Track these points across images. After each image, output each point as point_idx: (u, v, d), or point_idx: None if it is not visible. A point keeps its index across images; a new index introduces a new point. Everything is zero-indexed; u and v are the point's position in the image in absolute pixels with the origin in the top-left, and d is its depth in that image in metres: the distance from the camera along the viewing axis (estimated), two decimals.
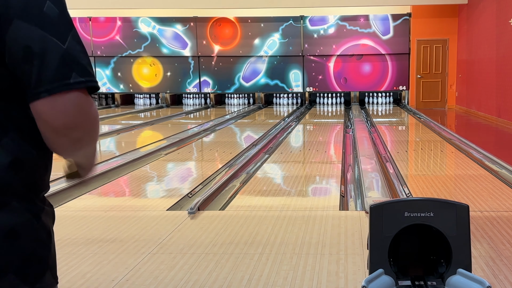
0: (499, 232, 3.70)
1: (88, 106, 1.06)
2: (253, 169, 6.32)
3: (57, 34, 1.03)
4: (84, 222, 4.08)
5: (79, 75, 1.03)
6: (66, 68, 1.02)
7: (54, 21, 1.03)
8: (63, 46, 1.02)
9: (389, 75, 15.02)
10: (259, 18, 15.03)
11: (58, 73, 1.01)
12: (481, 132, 10.23)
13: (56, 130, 1.05)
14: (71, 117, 1.04)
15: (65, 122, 1.04)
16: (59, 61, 1.02)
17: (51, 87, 1.01)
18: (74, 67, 1.03)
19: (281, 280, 2.92)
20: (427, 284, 1.73)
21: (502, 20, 10.54)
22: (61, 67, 1.02)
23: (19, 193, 1.07)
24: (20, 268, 1.06)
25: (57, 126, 1.04)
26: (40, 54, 1.01)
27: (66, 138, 1.07)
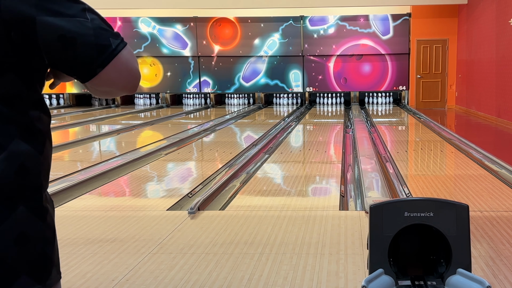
0: (499, 232, 3.71)
1: (131, 56, 1.15)
2: (253, 169, 6.32)
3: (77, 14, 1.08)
4: (84, 222, 4.08)
5: (114, 38, 1.11)
6: (102, 38, 1.09)
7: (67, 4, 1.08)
8: (88, 22, 1.08)
9: (389, 75, 15.02)
10: (259, 18, 15.03)
11: (99, 46, 1.08)
12: (481, 132, 10.23)
13: (120, 89, 1.15)
14: (127, 75, 1.13)
15: (124, 81, 1.14)
16: (94, 36, 1.08)
17: (101, 61, 1.09)
18: (107, 35, 1.10)
19: (281, 280, 2.92)
20: (427, 284, 1.73)
21: (502, 20, 10.54)
22: (98, 40, 1.08)
23: (26, 197, 1.10)
24: (32, 269, 1.10)
25: (121, 86, 1.14)
26: (74, 38, 1.06)
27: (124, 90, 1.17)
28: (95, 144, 8.58)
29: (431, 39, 14.53)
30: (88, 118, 12.54)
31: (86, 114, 13.71)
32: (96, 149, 8.14)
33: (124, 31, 15.47)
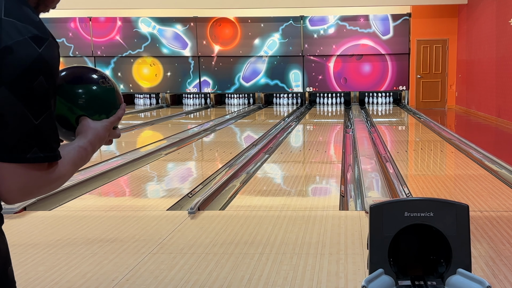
0: (499, 232, 3.71)
1: (39, 177, 1.10)
2: (253, 169, 6.32)
3: (33, 110, 1.06)
4: (84, 222, 4.08)
5: (40, 150, 1.08)
6: (28, 142, 1.07)
7: (37, 97, 1.07)
8: (35, 122, 1.07)
9: (389, 75, 15.02)
10: (259, 18, 15.03)
11: (19, 144, 1.06)
12: (481, 132, 10.23)
13: (3, 192, 1.09)
14: (17, 186, 1.08)
15: (11, 189, 1.08)
16: (24, 134, 1.06)
17: (7, 156, 1.06)
18: (36, 143, 1.07)
19: (281, 280, 2.92)
20: (427, 284, 1.73)
21: (502, 20, 10.54)
22: (23, 140, 1.06)
23: None
24: None
25: (4, 189, 1.08)
26: (9, 123, 1.05)
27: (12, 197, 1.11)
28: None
29: (431, 39, 14.53)
30: None
31: None
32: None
33: (124, 31, 15.48)
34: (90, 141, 1.22)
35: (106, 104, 1.27)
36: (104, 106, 1.27)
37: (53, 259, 3.28)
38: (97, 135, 1.23)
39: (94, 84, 1.26)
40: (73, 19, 15.45)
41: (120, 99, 1.31)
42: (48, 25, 1.17)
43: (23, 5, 1.12)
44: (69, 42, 15.53)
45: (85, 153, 1.20)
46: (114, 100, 1.29)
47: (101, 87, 1.27)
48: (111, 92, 1.29)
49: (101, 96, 1.26)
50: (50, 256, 3.34)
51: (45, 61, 1.08)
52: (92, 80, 1.27)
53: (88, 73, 1.28)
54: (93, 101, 1.25)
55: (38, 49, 1.07)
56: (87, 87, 1.25)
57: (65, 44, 15.48)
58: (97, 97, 1.26)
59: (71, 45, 15.55)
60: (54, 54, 1.11)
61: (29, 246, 3.51)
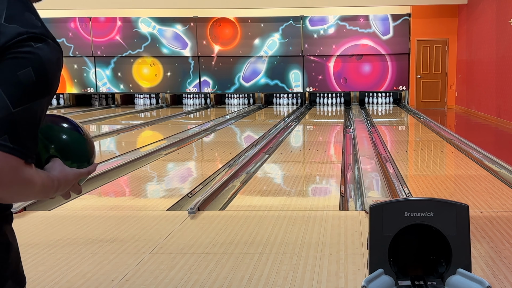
0: (499, 232, 3.71)
1: (6, 172, 1.04)
2: (253, 169, 6.32)
3: (13, 97, 1.03)
4: (84, 222, 4.08)
5: (10, 141, 1.03)
6: (0, 127, 1.02)
7: (21, 86, 1.04)
8: (12, 109, 1.03)
9: (389, 75, 15.02)
10: (259, 18, 15.03)
11: None
12: (481, 132, 10.23)
13: None
14: None
15: None
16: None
17: None
18: (9, 132, 1.03)
19: (281, 280, 2.92)
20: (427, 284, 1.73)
21: (502, 20, 10.54)
22: None
23: None
24: None
25: None
26: None
27: None
28: (95, 144, 8.56)
29: (431, 39, 14.53)
30: (88, 118, 12.54)
31: (86, 114, 13.71)
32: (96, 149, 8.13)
33: (124, 31, 15.48)
34: (58, 178, 1.18)
35: (82, 154, 1.28)
36: (79, 156, 1.27)
37: (53, 259, 3.28)
38: (65, 177, 1.19)
39: (76, 132, 1.28)
40: (73, 19, 15.45)
41: (93, 156, 1.32)
42: (48, 25, 1.17)
43: (26, 11, 1.11)
44: (69, 42, 15.53)
45: (51, 185, 1.15)
46: (89, 153, 1.30)
47: (81, 137, 1.28)
48: (89, 146, 1.31)
49: (79, 145, 1.27)
50: (50, 256, 3.34)
51: (37, 55, 1.06)
52: (77, 129, 1.28)
53: (71, 123, 1.29)
54: (71, 147, 1.25)
55: (34, 44, 1.07)
56: (69, 132, 1.27)
57: (65, 44, 15.47)
58: (75, 145, 1.26)
59: (71, 45, 15.54)
60: (52, 55, 1.10)
61: (29, 246, 3.51)
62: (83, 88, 15.86)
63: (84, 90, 15.91)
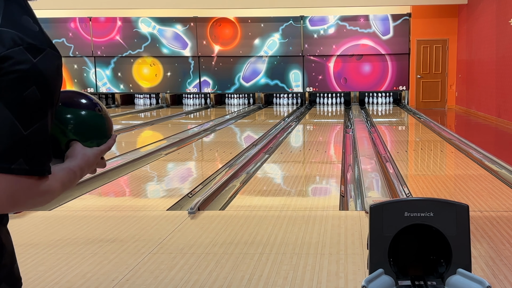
0: (499, 232, 3.71)
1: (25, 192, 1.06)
2: (253, 169, 6.32)
3: (23, 119, 1.03)
4: (84, 222, 4.08)
5: (25, 162, 1.04)
6: (15, 152, 1.03)
7: (28, 106, 1.04)
8: (24, 132, 1.03)
9: (389, 75, 15.02)
10: (259, 18, 15.03)
11: (5, 154, 1.02)
12: (481, 132, 10.23)
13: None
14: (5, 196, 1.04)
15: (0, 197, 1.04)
16: (12, 144, 1.02)
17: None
18: (23, 154, 1.04)
19: (281, 280, 2.92)
20: (427, 284, 1.73)
21: (502, 20, 10.54)
22: (10, 150, 1.02)
23: None
24: None
25: None
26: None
27: None
28: None
29: (431, 39, 14.53)
30: None
31: None
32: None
33: (124, 31, 15.48)
34: (80, 165, 1.19)
35: (100, 132, 1.27)
36: (97, 134, 1.26)
37: (53, 259, 3.28)
38: (87, 161, 1.21)
39: (91, 111, 1.26)
40: (73, 19, 15.45)
41: (112, 129, 1.31)
42: (48, 25, 1.16)
43: (24, 14, 1.09)
44: (69, 42, 15.53)
45: (74, 176, 1.18)
46: (107, 129, 1.29)
47: (97, 115, 1.26)
48: (105, 120, 1.29)
49: (96, 123, 1.26)
50: (50, 256, 3.34)
51: (39, 72, 1.05)
52: (89, 107, 1.26)
53: (85, 99, 1.27)
54: (88, 128, 1.24)
55: (33, 59, 1.05)
56: (84, 112, 1.24)
57: (65, 44, 15.48)
58: (92, 124, 1.25)
59: (71, 45, 15.54)
60: (52, 65, 1.08)
61: (29, 246, 3.51)
62: (83, 88, 15.85)
63: (84, 90, 15.88)
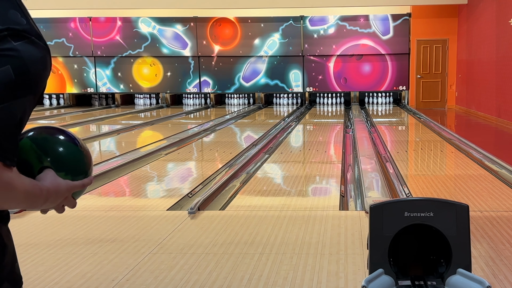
0: (499, 232, 3.71)
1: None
2: (253, 169, 6.32)
3: None
4: (84, 222, 4.08)
5: None
6: None
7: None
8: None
9: (389, 75, 15.02)
10: (259, 18, 15.03)
11: None
12: (481, 132, 10.23)
13: None
14: None
15: None
16: None
17: None
18: None
19: (281, 280, 2.92)
20: (427, 284, 1.73)
21: (502, 20, 10.54)
22: None
23: None
24: None
25: None
26: None
27: None
28: (95, 144, 8.58)
29: (431, 39, 14.53)
30: (88, 118, 12.54)
31: (86, 114, 13.71)
32: (96, 149, 8.13)
33: (124, 31, 15.48)
34: (48, 188, 1.13)
35: (77, 167, 1.23)
36: (73, 168, 1.22)
37: (53, 259, 3.28)
38: (56, 187, 1.15)
39: (73, 144, 1.24)
40: (73, 19, 15.45)
41: (90, 169, 1.27)
42: (48, 25, 1.16)
43: (12, 8, 1.07)
44: (69, 42, 15.53)
45: (39, 194, 1.11)
46: (85, 167, 1.26)
47: (78, 150, 1.24)
48: (85, 158, 1.26)
49: (75, 157, 1.23)
50: (50, 256, 3.34)
51: (18, 54, 1.02)
52: (73, 140, 1.24)
53: (68, 135, 1.25)
54: (66, 159, 1.21)
55: (14, 42, 1.02)
56: (65, 143, 1.22)
57: (65, 44, 15.48)
58: (71, 157, 1.22)
59: (71, 45, 15.54)
60: (34, 53, 1.05)
61: (29, 246, 3.51)
62: (83, 88, 15.86)
63: (84, 90, 15.91)
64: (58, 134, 1.24)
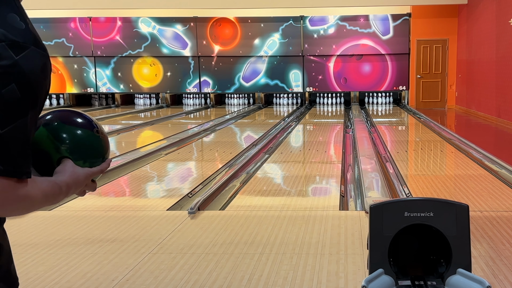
0: (499, 232, 3.71)
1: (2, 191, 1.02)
2: (253, 169, 6.32)
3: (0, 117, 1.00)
4: (84, 222, 4.08)
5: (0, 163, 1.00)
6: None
7: (6, 104, 1.00)
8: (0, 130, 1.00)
9: (389, 75, 15.02)
10: (259, 18, 15.03)
11: None
12: (481, 132, 10.23)
13: None
14: None
15: None
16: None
17: None
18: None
19: (281, 280, 2.92)
20: (427, 284, 1.73)
21: (502, 20, 10.54)
22: None
23: None
24: None
25: None
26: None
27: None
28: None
29: (431, 39, 14.53)
30: None
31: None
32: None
33: (124, 31, 15.48)
34: (67, 182, 1.15)
35: (94, 153, 1.24)
36: (91, 155, 1.23)
37: (53, 259, 3.28)
38: (76, 179, 1.17)
39: (89, 130, 1.23)
40: (73, 19, 15.45)
41: (108, 152, 1.28)
42: (48, 25, 1.15)
43: (10, 12, 1.06)
44: (69, 42, 15.53)
45: (59, 191, 1.13)
46: (103, 152, 1.26)
47: (94, 136, 1.23)
48: (102, 142, 1.26)
49: (92, 144, 1.23)
50: (50, 256, 3.34)
51: (20, 69, 1.01)
52: (87, 126, 1.23)
53: (84, 119, 1.24)
54: (83, 147, 1.21)
55: (15, 56, 1.01)
56: (81, 131, 1.22)
57: (65, 44, 15.48)
58: (87, 144, 1.22)
59: (71, 45, 15.55)
60: (35, 64, 1.04)
61: (29, 246, 3.51)
62: (83, 88, 15.86)
63: (84, 90, 15.91)
64: (74, 119, 1.23)
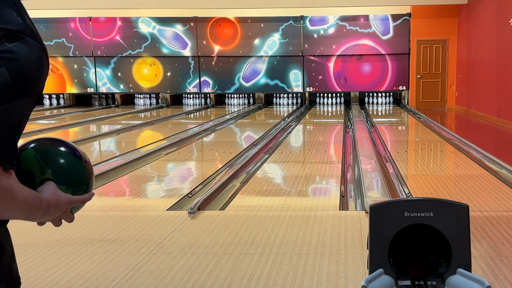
0: (499, 232, 3.71)
1: None
2: (253, 169, 6.32)
3: None
4: (84, 222, 4.08)
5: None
6: None
7: None
8: None
9: (389, 75, 15.02)
10: (259, 18, 15.03)
11: None
12: (481, 132, 10.23)
13: None
14: None
15: None
16: None
17: None
18: None
19: (281, 280, 2.92)
20: (427, 284, 1.73)
21: (502, 20, 10.54)
22: None
23: None
24: None
25: None
26: None
27: None
28: (95, 144, 8.58)
29: (431, 39, 14.53)
30: (88, 118, 12.54)
31: (86, 114, 13.71)
32: (96, 149, 8.14)
33: (124, 31, 15.48)
34: (48, 200, 1.12)
35: (78, 180, 1.23)
36: (74, 182, 1.22)
37: (53, 259, 3.28)
38: (57, 201, 1.14)
39: (76, 158, 1.23)
40: (73, 19, 15.45)
41: (91, 185, 1.27)
42: (48, 25, 1.15)
43: (7, 7, 1.06)
44: (69, 42, 15.53)
45: (39, 205, 1.10)
46: (86, 180, 1.25)
47: (80, 163, 1.23)
48: (87, 171, 1.25)
49: (77, 170, 1.23)
50: (50, 256, 3.35)
51: (12, 55, 1.01)
52: (76, 154, 1.24)
53: (74, 147, 1.25)
54: (68, 172, 1.21)
55: (8, 43, 1.01)
56: (68, 156, 1.22)
57: (65, 44, 15.48)
58: (73, 170, 1.22)
59: (71, 45, 15.54)
60: (30, 54, 1.03)
61: (29, 246, 3.51)
62: (83, 88, 15.86)
63: (84, 90, 15.91)
64: (62, 146, 1.23)
